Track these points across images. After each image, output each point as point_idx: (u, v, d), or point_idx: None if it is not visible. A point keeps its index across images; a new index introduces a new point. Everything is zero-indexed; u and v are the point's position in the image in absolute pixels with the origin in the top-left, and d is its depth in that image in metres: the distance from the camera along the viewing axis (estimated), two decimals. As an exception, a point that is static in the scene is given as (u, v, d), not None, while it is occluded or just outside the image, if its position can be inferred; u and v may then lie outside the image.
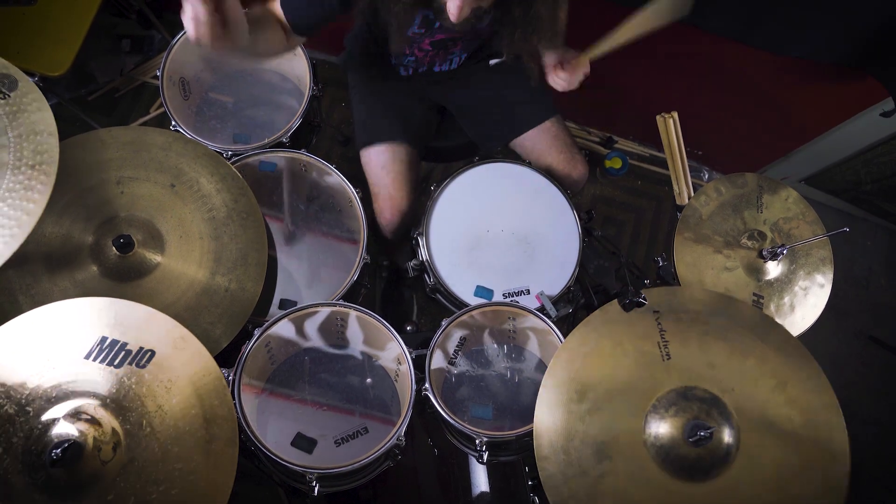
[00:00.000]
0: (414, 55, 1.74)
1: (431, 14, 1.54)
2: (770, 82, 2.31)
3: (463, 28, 1.55)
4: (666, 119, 1.88)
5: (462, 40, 1.70)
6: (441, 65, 1.81)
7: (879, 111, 2.20)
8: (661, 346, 1.38)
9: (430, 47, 1.71)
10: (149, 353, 1.26)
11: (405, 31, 1.60)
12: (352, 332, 1.62)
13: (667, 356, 1.38)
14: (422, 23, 1.58)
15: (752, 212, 1.70)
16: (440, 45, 1.70)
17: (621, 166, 2.76)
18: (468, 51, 1.79)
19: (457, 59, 1.82)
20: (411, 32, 1.61)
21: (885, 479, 2.63)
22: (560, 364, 1.38)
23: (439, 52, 1.73)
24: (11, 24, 2.12)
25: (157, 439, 1.21)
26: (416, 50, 1.72)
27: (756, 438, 1.31)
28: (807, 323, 1.66)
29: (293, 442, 1.54)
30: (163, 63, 1.80)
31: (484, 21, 1.58)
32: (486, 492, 1.78)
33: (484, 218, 1.76)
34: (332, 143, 2.69)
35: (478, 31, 1.67)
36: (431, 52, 1.73)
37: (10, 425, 1.17)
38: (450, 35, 1.65)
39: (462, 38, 1.68)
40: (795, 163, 2.69)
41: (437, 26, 1.59)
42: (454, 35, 1.66)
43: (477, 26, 1.61)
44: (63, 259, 1.48)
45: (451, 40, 1.68)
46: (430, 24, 1.59)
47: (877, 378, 2.75)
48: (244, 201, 1.58)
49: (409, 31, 1.61)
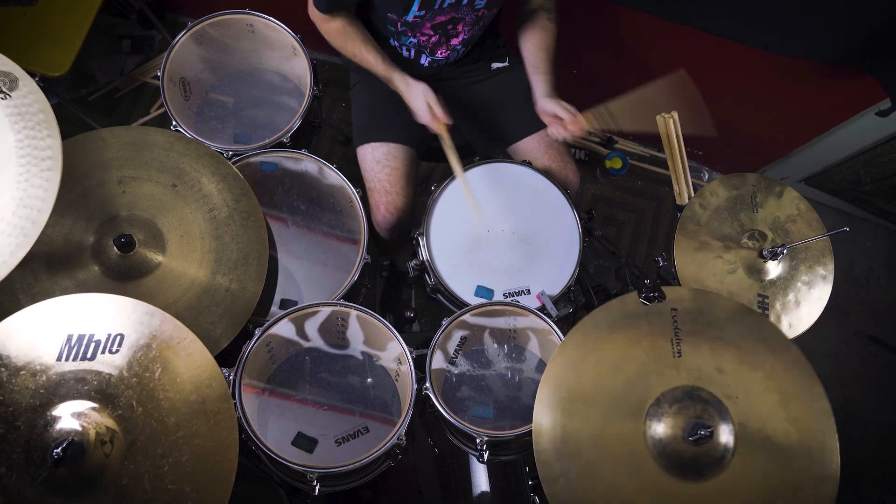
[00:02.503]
0: (416, 37, 1.75)
1: None
2: (770, 82, 2.31)
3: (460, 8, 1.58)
4: (666, 119, 1.88)
5: (462, 22, 1.70)
6: (442, 52, 1.81)
7: (878, 111, 2.20)
8: (674, 343, 1.39)
9: (432, 31, 1.72)
10: (118, 337, 1.25)
11: (405, 16, 1.62)
12: (352, 332, 1.62)
13: (678, 354, 1.38)
14: (421, 5, 1.59)
15: (752, 212, 1.70)
16: (441, 27, 1.71)
17: (621, 166, 2.76)
18: (470, 37, 1.79)
19: (460, 48, 1.82)
20: (412, 17, 1.62)
21: (885, 479, 2.63)
22: (573, 343, 1.39)
23: (440, 37, 1.74)
24: (12, 24, 2.12)
25: (150, 416, 1.21)
26: (417, 33, 1.73)
27: (752, 448, 1.32)
28: (813, 316, 1.66)
29: (294, 441, 1.54)
30: (163, 63, 1.80)
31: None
32: (486, 491, 1.78)
33: (484, 218, 1.76)
34: (332, 143, 2.69)
35: (477, 12, 1.68)
36: (434, 36, 1.74)
37: (5, 444, 1.16)
38: (450, 16, 1.66)
39: (462, 19, 1.69)
40: (795, 163, 2.69)
41: (437, 7, 1.60)
42: (454, 16, 1.67)
43: (475, 4, 1.63)
44: (64, 258, 1.49)
45: (452, 21, 1.69)
46: (429, 6, 1.60)
47: (877, 378, 2.75)
48: (245, 201, 1.58)
49: (409, 16, 1.62)
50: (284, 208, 1.82)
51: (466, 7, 1.65)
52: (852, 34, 1.93)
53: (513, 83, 1.92)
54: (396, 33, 1.76)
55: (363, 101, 1.91)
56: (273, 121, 1.96)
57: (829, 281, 1.69)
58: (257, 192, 1.60)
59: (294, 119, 1.79)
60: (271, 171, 1.79)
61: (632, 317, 1.41)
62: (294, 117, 1.80)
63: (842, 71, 2.12)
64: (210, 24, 1.88)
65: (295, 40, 1.86)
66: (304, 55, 1.86)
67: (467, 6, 1.65)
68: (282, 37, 1.89)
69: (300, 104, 1.83)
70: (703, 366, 1.37)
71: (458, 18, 1.69)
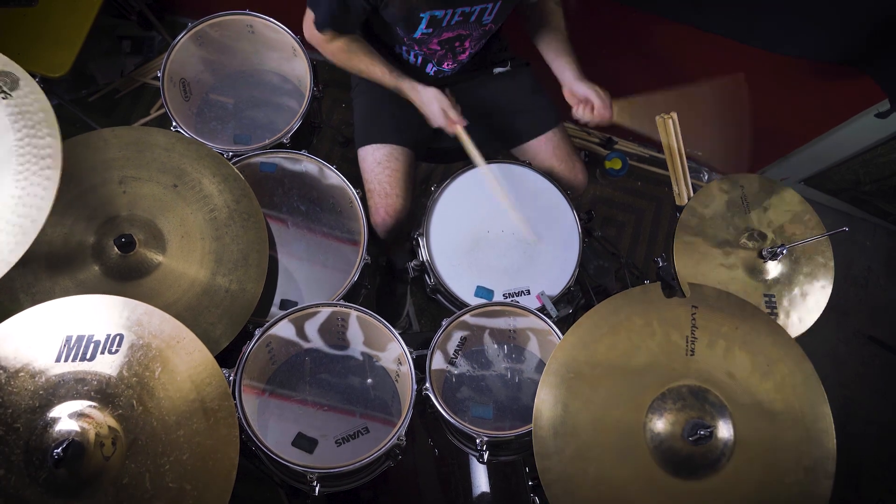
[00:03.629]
0: (422, 51, 1.76)
1: (439, 13, 1.55)
2: (769, 83, 2.31)
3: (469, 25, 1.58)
4: (666, 119, 1.88)
5: (470, 38, 1.71)
6: (449, 64, 1.81)
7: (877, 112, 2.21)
8: (689, 341, 1.38)
9: (439, 47, 1.72)
10: (117, 337, 1.25)
11: (412, 34, 1.62)
12: (352, 332, 1.62)
13: (691, 352, 1.37)
14: (429, 23, 1.59)
15: (752, 212, 1.70)
16: (448, 43, 1.71)
17: (621, 167, 2.76)
18: (476, 50, 1.79)
19: (466, 62, 1.83)
20: (420, 34, 1.63)
21: (885, 479, 2.63)
22: (589, 324, 1.39)
23: (447, 52, 1.75)
24: (12, 25, 2.12)
25: (151, 414, 1.22)
26: (424, 48, 1.73)
27: (748, 456, 1.32)
28: (821, 306, 1.66)
29: (294, 442, 1.54)
30: (163, 64, 1.81)
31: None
32: (486, 492, 1.79)
33: (484, 218, 1.77)
34: (332, 144, 2.69)
35: (484, 27, 1.68)
36: (440, 51, 1.74)
37: (4, 446, 1.16)
38: (457, 33, 1.66)
39: (469, 35, 1.69)
40: (795, 163, 2.69)
41: (444, 24, 1.60)
42: (461, 33, 1.67)
43: (483, 20, 1.63)
44: (65, 258, 1.49)
45: (459, 38, 1.69)
46: (437, 24, 1.60)
47: (877, 378, 2.75)
48: (246, 202, 1.59)
49: (416, 34, 1.62)
50: (284, 209, 1.82)
51: (474, 23, 1.65)
52: (851, 34, 1.93)
53: (516, 86, 1.93)
54: (402, 44, 1.76)
55: (364, 102, 1.91)
56: (273, 121, 1.97)
57: (829, 269, 1.69)
58: (257, 193, 1.61)
59: (294, 120, 1.80)
60: (271, 171, 1.79)
61: (651, 308, 1.40)
62: (294, 118, 1.80)
63: (841, 71, 2.12)
64: (210, 24, 1.88)
65: (295, 41, 1.86)
66: (304, 56, 1.86)
67: (475, 22, 1.64)
68: (282, 38, 1.89)
69: (300, 105, 1.83)
70: (714, 368, 1.37)
71: (466, 35, 1.69)
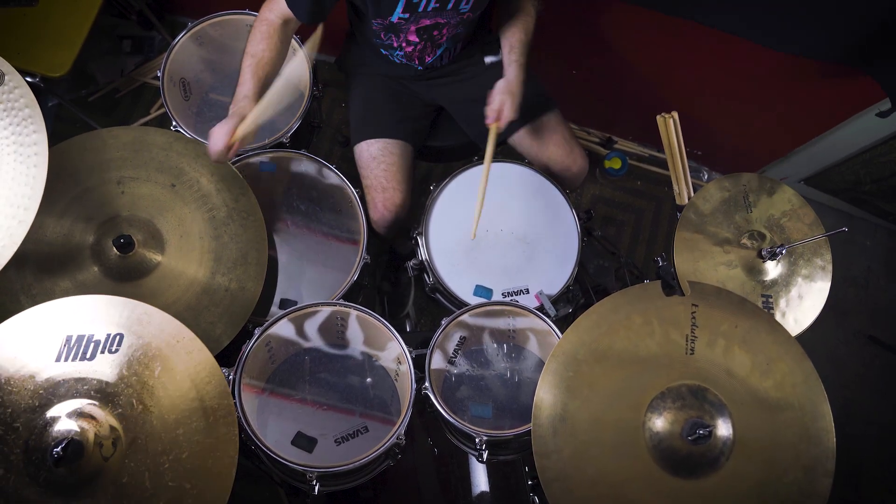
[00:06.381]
0: (402, 49, 1.74)
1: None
2: (769, 82, 2.31)
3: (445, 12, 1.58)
4: (666, 119, 1.88)
5: (447, 25, 1.69)
6: (431, 56, 1.80)
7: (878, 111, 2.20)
8: (689, 340, 1.38)
9: (417, 38, 1.70)
10: (117, 337, 1.26)
11: (388, 17, 1.61)
12: (352, 332, 1.63)
13: (690, 351, 1.37)
14: (405, 7, 1.59)
15: (752, 212, 1.70)
16: (426, 32, 1.70)
17: (621, 167, 2.76)
18: (455, 39, 1.78)
19: (448, 51, 1.81)
20: (396, 18, 1.62)
21: (885, 479, 2.63)
22: (588, 324, 1.38)
23: (426, 43, 1.73)
24: (12, 24, 2.12)
25: (151, 413, 1.22)
26: (403, 43, 1.72)
27: (748, 456, 1.32)
28: (817, 308, 1.66)
29: (293, 441, 1.54)
30: (163, 64, 1.81)
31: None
32: (485, 491, 1.79)
33: (483, 218, 1.76)
34: (332, 143, 2.69)
35: (462, 16, 1.67)
36: (419, 43, 1.72)
37: (4, 446, 1.16)
38: (434, 20, 1.66)
39: (447, 23, 1.68)
40: (795, 163, 2.69)
41: (421, 10, 1.60)
42: (438, 21, 1.66)
43: (460, 8, 1.62)
44: (64, 259, 1.49)
45: (436, 26, 1.69)
46: (413, 8, 1.59)
47: (877, 378, 2.75)
48: (244, 201, 1.59)
49: (393, 18, 1.61)
50: (284, 209, 1.82)
51: (451, 11, 1.64)
52: (852, 34, 1.93)
53: None
54: (383, 44, 1.74)
55: (357, 99, 1.90)
56: (272, 121, 1.96)
57: (828, 271, 1.68)
58: (257, 193, 1.61)
59: (294, 119, 1.80)
60: (271, 171, 1.79)
61: (650, 306, 1.40)
62: (293, 118, 1.80)
63: (842, 71, 2.12)
64: (210, 24, 1.88)
65: (295, 41, 1.86)
66: (303, 56, 1.86)
67: (452, 10, 1.63)
68: (281, 37, 1.89)
69: (300, 105, 1.83)
70: (714, 367, 1.37)
71: (443, 23, 1.68)
